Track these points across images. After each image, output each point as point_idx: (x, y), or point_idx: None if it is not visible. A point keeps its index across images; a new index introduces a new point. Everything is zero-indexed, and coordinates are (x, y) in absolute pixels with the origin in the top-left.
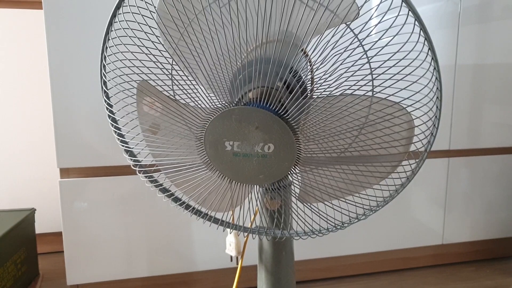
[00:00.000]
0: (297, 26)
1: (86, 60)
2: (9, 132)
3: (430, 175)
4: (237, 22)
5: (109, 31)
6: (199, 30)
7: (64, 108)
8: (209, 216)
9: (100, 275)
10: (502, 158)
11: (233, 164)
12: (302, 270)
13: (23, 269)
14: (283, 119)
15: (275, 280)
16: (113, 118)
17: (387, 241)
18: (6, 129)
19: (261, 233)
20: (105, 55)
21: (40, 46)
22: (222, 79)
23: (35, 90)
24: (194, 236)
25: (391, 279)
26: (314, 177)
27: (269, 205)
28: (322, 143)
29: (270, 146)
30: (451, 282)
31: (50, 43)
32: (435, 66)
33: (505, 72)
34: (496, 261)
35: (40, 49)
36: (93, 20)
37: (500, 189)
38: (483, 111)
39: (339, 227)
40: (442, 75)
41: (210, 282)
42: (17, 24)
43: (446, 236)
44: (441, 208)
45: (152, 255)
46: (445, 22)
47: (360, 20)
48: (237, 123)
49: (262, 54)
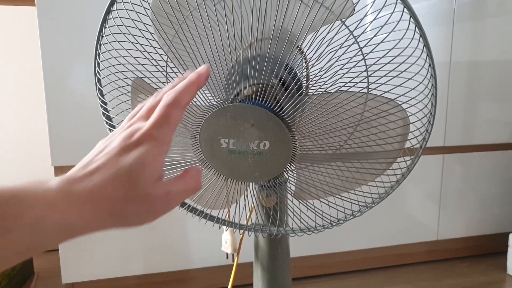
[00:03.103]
0: (292, 23)
1: (80, 57)
2: (2, 130)
3: (425, 171)
4: (232, 18)
5: (103, 28)
6: (193, 27)
7: (58, 106)
8: (205, 214)
9: (95, 273)
10: (496, 154)
11: (228, 161)
12: (298, 267)
13: (18, 268)
14: (278, 116)
15: (271, 277)
16: (108, 115)
17: (382, 237)
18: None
19: (256, 230)
20: (99, 52)
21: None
22: (217, 76)
23: (28, 88)
24: (190, 233)
25: (386, 275)
26: (310, 174)
27: (265, 202)
28: (317, 140)
29: (265, 143)
30: (446, 278)
31: (43, 40)
32: (430, 63)
33: (500, 69)
34: (490, 256)
35: (33, 46)
36: (87, 17)
37: (494, 185)
38: (478, 108)
39: (334, 224)
40: (437, 72)
41: (205, 280)
42: (9, 21)
43: (441, 232)
44: (435, 205)
45: (147, 253)
46: (440, 19)
47: (356, 17)
48: (233, 121)
49: (258, 51)
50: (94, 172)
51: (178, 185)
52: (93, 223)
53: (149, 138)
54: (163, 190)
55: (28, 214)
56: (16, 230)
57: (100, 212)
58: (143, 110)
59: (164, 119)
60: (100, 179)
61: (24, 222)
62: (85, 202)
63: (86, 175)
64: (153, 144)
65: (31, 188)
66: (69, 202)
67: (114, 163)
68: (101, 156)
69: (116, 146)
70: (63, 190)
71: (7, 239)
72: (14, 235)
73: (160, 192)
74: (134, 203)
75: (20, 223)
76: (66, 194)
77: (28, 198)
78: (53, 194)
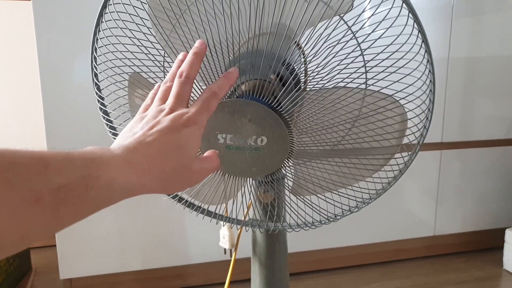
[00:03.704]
0: (290, 18)
1: (77, 52)
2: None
3: (422, 167)
4: (230, 13)
5: (99, 23)
6: (191, 22)
7: (55, 100)
8: (202, 209)
9: (93, 269)
10: (494, 150)
11: (226, 157)
12: (296, 262)
13: (15, 264)
14: (276, 112)
15: (269, 272)
16: (105, 110)
17: (380, 233)
18: None
19: (254, 226)
20: (95, 47)
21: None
22: (215, 71)
23: (25, 84)
24: (188, 229)
25: (383, 270)
26: (308, 170)
27: (262, 198)
28: (315, 135)
29: (263, 139)
30: (442, 273)
31: (39, 35)
32: (428, 59)
33: (498, 65)
34: (487, 252)
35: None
36: (83, 10)
37: (491, 181)
38: (475, 104)
39: (331, 219)
40: (435, 68)
41: (203, 275)
42: (4, 16)
43: (438, 227)
44: (433, 200)
45: (145, 248)
46: (438, 14)
47: (354, 13)
48: (230, 116)
49: (256, 46)
50: (149, 145)
51: (207, 163)
52: (146, 186)
53: (193, 122)
54: (199, 165)
55: (104, 175)
56: (96, 188)
57: (153, 178)
58: (160, 93)
59: (205, 107)
60: (156, 151)
61: (101, 182)
62: (143, 170)
63: (143, 146)
64: (196, 127)
65: (103, 154)
66: (131, 169)
67: (167, 140)
68: (154, 131)
69: (168, 125)
70: (127, 158)
71: (89, 194)
72: (94, 192)
73: (197, 167)
74: (179, 173)
75: (98, 183)
76: (130, 162)
77: (103, 163)
78: (120, 160)
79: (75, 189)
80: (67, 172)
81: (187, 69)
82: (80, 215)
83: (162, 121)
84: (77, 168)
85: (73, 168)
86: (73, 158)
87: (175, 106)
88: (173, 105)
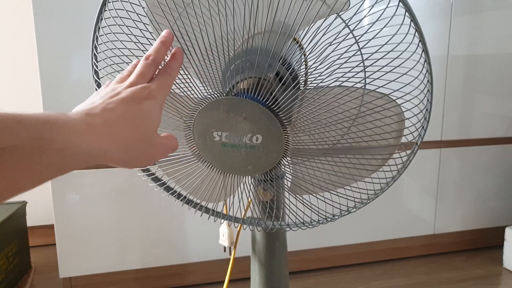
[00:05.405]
0: (289, 16)
1: (76, 49)
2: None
3: (422, 165)
4: (225, 12)
5: (99, 20)
6: (188, 23)
7: (54, 99)
8: (201, 206)
9: (93, 267)
10: (493, 148)
11: (221, 154)
12: (295, 261)
13: (15, 262)
14: (271, 110)
15: (268, 271)
16: None
17: (380, 231)
18: None
19: (252, 224)
20: (95, 44)
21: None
22: (214, 70)
23: (24, 82)
24: (187, 227)
25: (383, 268)
26: (307, 169)
27: (261, 196)
28: (314, 134)
29: (258, 137)
30: (442, 271)
31: (38, 32)
32: (426, 59)
33: (497, 63)
34: (486, 250)
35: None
36: (83, 8)
37: (491, 179)
38: (475, 102)
39: (329, 219)
40: (434, 66)
41: (203, 274)
42: (4, 13)
43: (438, 226)
44: (432, 199)
45: (145, 247)
46: (437, 12)
47: (353, 12)
48: (225, 114)
49: (254, 44)
50: (111, 111)
51: (168, 140)
52: (108, 153)
53: (154, 96)
54: (160, 140)
55: (59, 138)
56: (49, 152)
57: (116, 145)
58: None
59: (164, 84)
60: (116, 117)
61: (55, 145)
62: (104, 134)
63: (104, 112)
64: (156, 101)
65: (58, 117)
66: (90, 132)
67: (129, 108)
68: (115, 100)
69: (130, 95)
70: (85, 122)
71: (42, 158)
72: (47, 156)
73: (159, 142)
74: (141, 144)
75: (52, 146)
76: (88, 125)
77: (57, 125)
78: (78, 123)
79: (27, 151)
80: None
81: (153, 53)
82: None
83: (123, 92)
84: (28, 129)
85: (23, 128)
86: (23, 119)
87: (136, 81)
88: (134, 80)
